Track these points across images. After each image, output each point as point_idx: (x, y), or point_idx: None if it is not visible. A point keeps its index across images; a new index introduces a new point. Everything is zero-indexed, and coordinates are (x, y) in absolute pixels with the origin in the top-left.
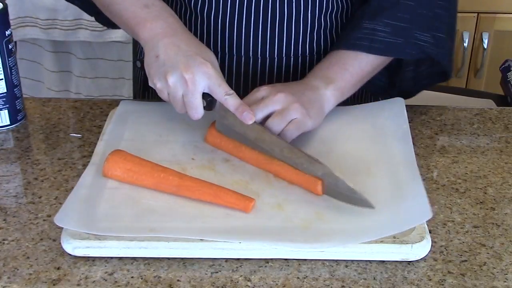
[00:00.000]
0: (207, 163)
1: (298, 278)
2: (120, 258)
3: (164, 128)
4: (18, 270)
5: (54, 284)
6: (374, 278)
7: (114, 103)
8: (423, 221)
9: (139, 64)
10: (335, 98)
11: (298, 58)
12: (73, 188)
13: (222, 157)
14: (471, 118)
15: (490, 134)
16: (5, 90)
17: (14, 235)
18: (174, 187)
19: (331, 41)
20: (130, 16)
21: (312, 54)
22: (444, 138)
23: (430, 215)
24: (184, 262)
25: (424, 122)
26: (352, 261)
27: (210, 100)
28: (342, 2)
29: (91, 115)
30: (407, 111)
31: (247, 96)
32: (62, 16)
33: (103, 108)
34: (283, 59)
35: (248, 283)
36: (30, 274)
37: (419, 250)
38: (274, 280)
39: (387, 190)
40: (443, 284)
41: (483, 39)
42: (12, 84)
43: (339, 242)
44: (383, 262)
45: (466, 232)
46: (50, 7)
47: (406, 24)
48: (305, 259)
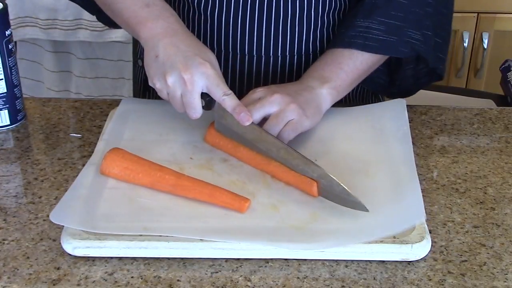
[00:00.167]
0: (205, 162)
1: (298, 278)
2: (120, 258)
3: (164, 127)
4: (18, 270)
5: (54, 284)
6: (374, 278)
7: (114, 103)
8: (415, 223)
9: (140, 62)
10: (331, 97)
11: (301, 57)
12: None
13: (221, 157)
14: (471, 118)
15: (490, 134)
16: (5, 90)
17: (14, 235)
18: (170, 186)
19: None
20: (130, 15)
21: (315, 53)
22: (444, 138)
23: (424, 217)
24: (184, 262)
25: (424, 122)
26: (352, 261)
27: (209, 99)
28: (345, 0)
29: (91, 115)
30: (407, 111)
31: (243, 98)
32: (62, 16)
33: (103, 108)
34: (286, 57)
35: (248, 283)
36: (30, 274)
37: (419, 250)
38: (274, 280)
39: (384, 191)
40: (443, 284)
41: (483, 39)
42: (12, 84)
43: (333, 243)
44: (383, 262)
45: (466, 232)
46: (50, 7)
47: (399, 23)
48: (305, 259)
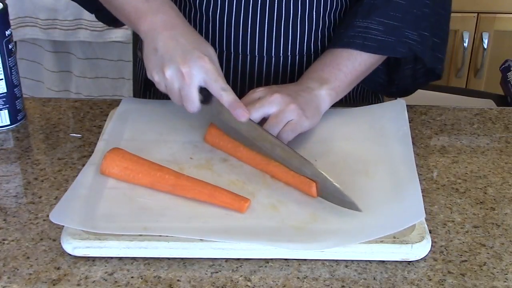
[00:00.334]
0: (205, 162)
1: (298, 278)
2: (120, 258)
3: (164, 127)
4: (18, 270)
5: (54, 284)
6: (374, 278)
7: (114, 103)
8: (415, 222)
9: (139, 54)
10: (330, 98)
11: (303, 57)
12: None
13: (220, 157)
14: (471, 118)
15: (490, 134)
16: (5, 90)
17: (14, 235)
18: (170, 186)
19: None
20: (131, 10)
21: (316, 53)
22: (444, 138)
23: (423, 216)
24: (184, 262)
25: (424, 122)
26: (352, 261)
27: (206, 94)
28: (346, 1)
29: (91, 115)
30: (407, 111)
31: (243, 98)
32: (62, 16)
33: (103, 108)
34: (288, 57)
35: (248, 283)
36: (30, 274)
37: (419, 250)
38: (274, 280)
39: (384, 191)
40: (443, 284)
41: (483, 39)
42: (12, 84)
43: (333, 243)
44: (383, 262)
45: (466, 232)
46: (50, 7)
47: (398, 23)
48: (305, 259)
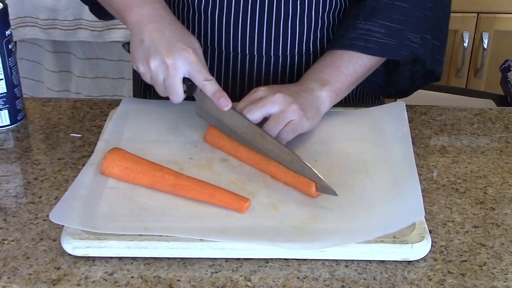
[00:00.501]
0: (204, 162)
1: (298, 278)
2: (120, 258)
3: (164, 127)
4: (18, 270)
5: (54, 284)
6: (374, 278)
7: (114, 103)
8: (415, 220)
9: (126, 47)
10: (330, 99)
11: (302, 57)
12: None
13: (220, 157)
14: (471, 118)
15: (490, 134)
16: (5, 90)
17: (14, 235)
18: (170, 186)
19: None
20: (119, 1)
21: (315, 52)
22: (444, 138)
23: (423, 214)
24: (184, 262)
25: (424, 122)
26: (352, 261)
27: (190, 84)
28: (346, 1)
29: (91, 115)
30: (407, 111)
31: (245, 96)
32: (62, 16)
33: (103, 108)
34: (287, 57)
35: (248, 283)
36: (30, 274)
37: (419, 250)
38: (274, 280)
39: (384, 190)
40: (443, 284)
41: (483, 39)
42: (12, 84)
43: (333, 243)
44: (383, 262)
45: (466, 232)
46: (50, 7)
47: (400, 26)
48: (305, 259)
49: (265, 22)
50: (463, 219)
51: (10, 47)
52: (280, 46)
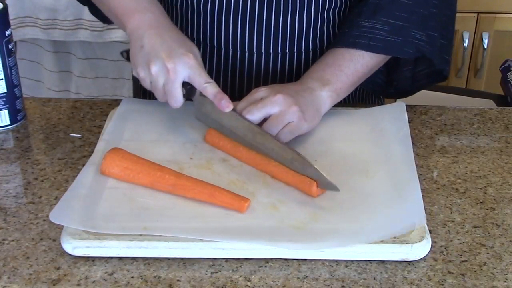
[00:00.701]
0: (204, 162)
1: (298, 278)
2: (120, 258)
3: (164, 127)
4: (18, 270)
5: (54, 284)
6: (374, 278)
7: (114, 103)
8: (415, 225)
9: (125, 55)
10: (331, 99)
11: (301, 54)
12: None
13: (220, 157)
14: (471, 118)
15: (490, 134)
16: (5, 90)
17: (14, 235)
18: (170, 186)
19: (334, 37)
20: (118, 6)
21: (315, 50)
22: (444, 138)
23: (424, 219)
24: (184, 262)
25: (424, 122)
26: (352, 261)
27: (189, 88)
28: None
29: (91, 115)
30: (407, 111)
31: (246, 97)
32: (62, 16)
33: (103, 108)
34: (286, 54)
35: (248, 283)
36: (30, 274)
37: (419, 250)
38: (274, 280)
39: (384, 191)
40: (443, 284)
41: (483, 39)
42: (12, 84)
43: (333, 243)
44: (383, 262)
45: (466, 232)
46: (50, 7)
47: (403, 23)
48: (305, 259)
49: (264, 20)
50: (463, 219)
51: (10, 47)
52: (280, 43)
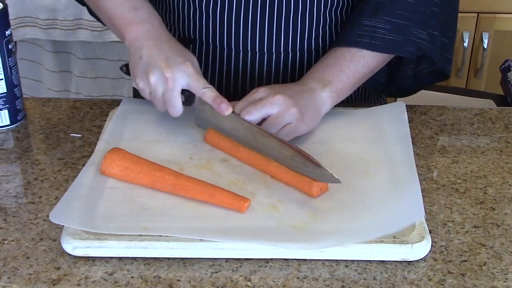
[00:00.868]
0: (205, 162)
1: (298, 278)
2: (120, 258)
3: (164, 127)
4: (18, 270)
5: (54, 284)
6: (374, 278)
7: (114, 103)
8: (415, 220)
9: (124, 69)
10: (331, 100)
11: (304, 54)
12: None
13: (220, 157)
14: (471, 118)
15: (490, 134)
16: (5, 90)
17: (14, 235)
18: (170, 186)
19: (336, 37)
20: (117, 16)
21: (317, 50)
22: (444, 138)
23: (423, 214)
24: (184, 262)
25: (424, 122)
26: (352, 261)
27: (188, 94)
28: None
29: (91, 115)
30: (407, 111)
31: (245, 97)
32: (62, 16)
33: (103, 108)
34: (288, 54)
35: (248, 283)
36: (30, 274)
37: (419, 250)
38: (274, 280)
39: (384, 191)
40: (443, 284)
41: (483, 39)
42: (12, 84)
43: (333, 243)
44: (383, 262)
45: (466, 232)
46: (50, 7)
47: (405, 22)
48: (305, 259)
49: (266, 19)
50: (463, 219)
51: (10, 47)
52: (282, 43)
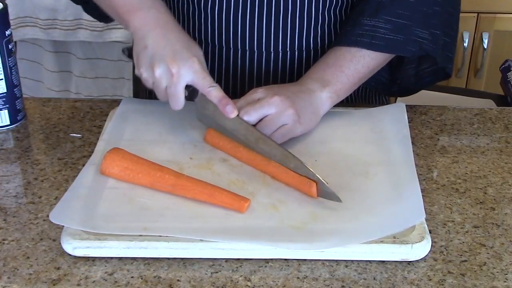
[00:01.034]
0: (204, 162)
1: (298, 278)
2: (120, 258)
3: (164, 127)
4: (18, 270)
5: (54, 284)
6: (374, 278)
7: (114, 103)
8: (415, 223)
9: (126, 52)
10: (331, 100)
11: (302, 53)
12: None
13: (220, 157)
14: (471, 118)
15: (490, 134)
16: (5, 90)
17: (14, 235)
18: (170, 186)
19: (335, 36)
20: (121, 3)
21: (316, 49)
22: (444, 138)
23: (423, 216)
24: (184, 262)
25: (424, 122)
26: (352, 261)
27: (191, 89)
28: None
29: (91, 115)
30: (407, 111)
31: (244, 97)
32: (62, 16)
33: (103, 108)
34: (287, 53)
35: (248, 283)
36: (30, 274)
37: (419, 250)
38: (274, 280)
39: (384, 192)
40: (443, 284)
41: (483, 39)
42: (12, 84)
43: (333, 243)
44: (383, 262)
45: (466, 232)
46: (50, 7)
47: (406, 21)
48: (305, 259)
49: (264, 18)
50: (463, 219)
51: (10, 47)
52: (280, 42)
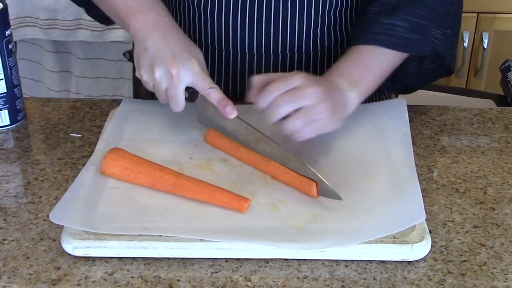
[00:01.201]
0: (205, 162)
1: (298, 278)
2: (120, 258)
3: (164, 127)
4: (18, 270)
5: (54, 284)
6: (374, 278)
7: (114, 103)
8: (415, 223)
9: (127, 55)
10: (358, 101)
11: (302, 55)
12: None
13: (220, 157)
14: (471, 118)
15: (490, 134)
16: (5, 90)
17: (14, 235)
18: (170, 186)
19: (335, 37)
20: (121, 6)
21: (316, 51)
22: (444, 138)
23: (424, 217)
24: (184, 262)
25: (424, 122)
26: (352, 261)
27: (192, 91)
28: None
29: (91, 115)
30: (407, 111)
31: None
32: (62, 16)
33: (103, 108)
34: (287, 55)
35: (248, 283)
36: (30, 274)
37: (419, 250)
38: (274, 280)
39: (384, 191)
40: (443, 284)
41: (483, 39)
42: (12, 84)
43: (333, 243)
44: (383, 262)
45: (466, 232)
46: (50, 7)
47: (423, 21)
48: (305, 259)
49: (264, 20)
50: (463, 219)
51: (10, 47)
52: (280, 44)
